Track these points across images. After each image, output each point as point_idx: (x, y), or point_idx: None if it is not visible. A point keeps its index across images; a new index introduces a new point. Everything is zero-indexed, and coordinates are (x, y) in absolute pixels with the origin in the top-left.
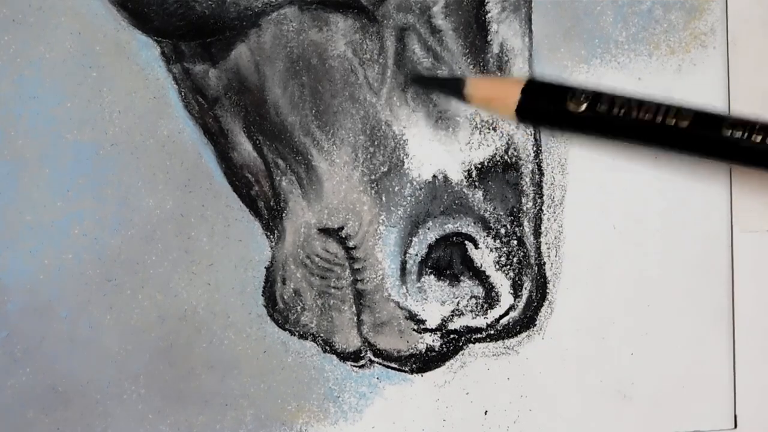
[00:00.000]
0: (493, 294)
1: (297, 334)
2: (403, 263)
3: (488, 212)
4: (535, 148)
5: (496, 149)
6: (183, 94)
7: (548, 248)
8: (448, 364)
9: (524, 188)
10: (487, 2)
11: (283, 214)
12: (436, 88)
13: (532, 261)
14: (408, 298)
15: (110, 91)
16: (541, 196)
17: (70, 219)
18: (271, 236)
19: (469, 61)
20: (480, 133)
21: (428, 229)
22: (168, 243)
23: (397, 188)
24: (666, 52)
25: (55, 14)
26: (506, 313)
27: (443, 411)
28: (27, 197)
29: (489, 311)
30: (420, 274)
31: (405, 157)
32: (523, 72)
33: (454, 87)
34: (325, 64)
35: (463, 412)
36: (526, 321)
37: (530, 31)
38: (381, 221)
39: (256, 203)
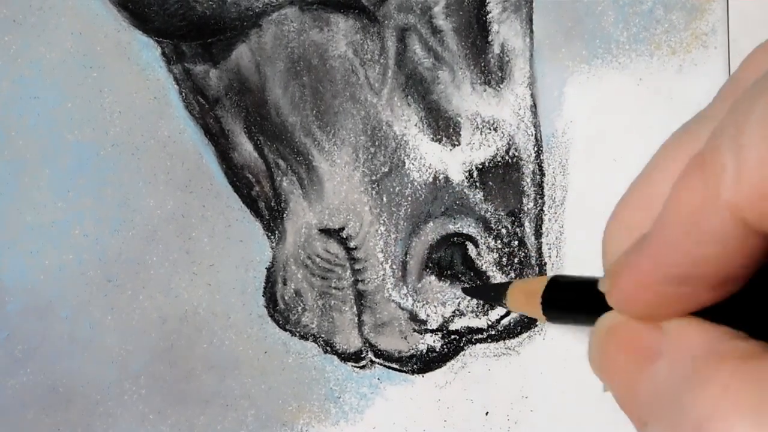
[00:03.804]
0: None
1: (298, 334)
2: (404, 264)
3: (489, 213)
4: (536, 149)
5: (497, 149)
6: (184, 94)
7: (549, 249)
8: (449, 364)
9: (525, 189)
10: (488, 2)
11: (284, 215)
12: (484, 298)
13: (534, 262)
14: (409, 299)
15: (111, 92)
16: (543, 196)
17: (70, 219)
18: (272, 237)
19: (469, 61)
20: (481, 134)
21: (429, 229)
22: (169, 243)
23: (398, 189)
24: (667, 52)
25: (55, 14)
26: (507, 314)
27: (444, 412)
28: (27, 197)
29: (490, 312)
30: (421, 275)
31: (406, 158)
32: (524, 72)
33: (497, 295)
34: (326, 64)
35: (463, 412)
36: (527, 322)
37: (531, 31)
38: (382, 222)
39: (257, 204)
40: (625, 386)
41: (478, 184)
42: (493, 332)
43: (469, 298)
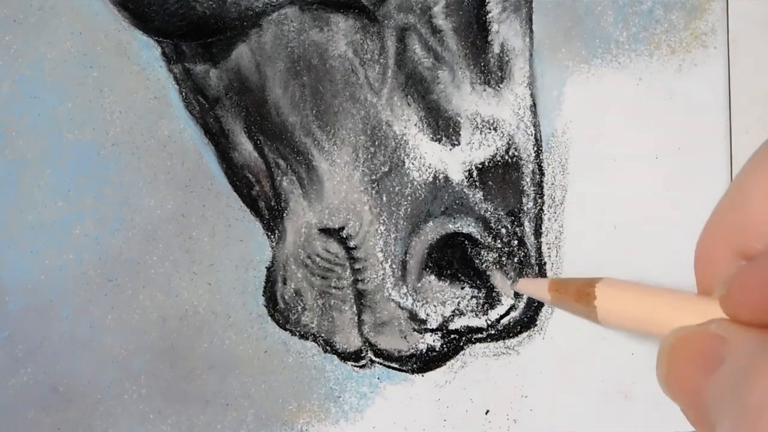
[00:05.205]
0: (494, 294)
1: (298, 334)
2: (404, 263)
3: (489, 212)
4: (535, 148)
5: (497, 149)
6: (184, 94)
7: (549, 248)
8: (448, 364)
9: (525, 188)
10: (488, 2)
11: (284, 214)
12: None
13: (533, 261)
14: (408, 298)
15: (111, 92)
16: (542, 196)
17: (71, 219)
18: (272, 236)
19: (469, 61)
20: (480, 133)
21: (429, 229)
22: (169, 243)
23: (397, 188)
24: (667, 52)
25: (56, 14)
26: (507, 313)
27: (444, 411)
28: (28, 197)
29: (490, 311)
30: (421, 274)
31: (406, 157)
32: (524, 72)
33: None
34: (326, 64)
35: (463, 411)
36: (527, 321)
37: (531, 31)
38: (382, 221)
39: (257, 203)
40: (693, 394)
41: (477, 183)
42: (492, 332)
43: (468, 297)
